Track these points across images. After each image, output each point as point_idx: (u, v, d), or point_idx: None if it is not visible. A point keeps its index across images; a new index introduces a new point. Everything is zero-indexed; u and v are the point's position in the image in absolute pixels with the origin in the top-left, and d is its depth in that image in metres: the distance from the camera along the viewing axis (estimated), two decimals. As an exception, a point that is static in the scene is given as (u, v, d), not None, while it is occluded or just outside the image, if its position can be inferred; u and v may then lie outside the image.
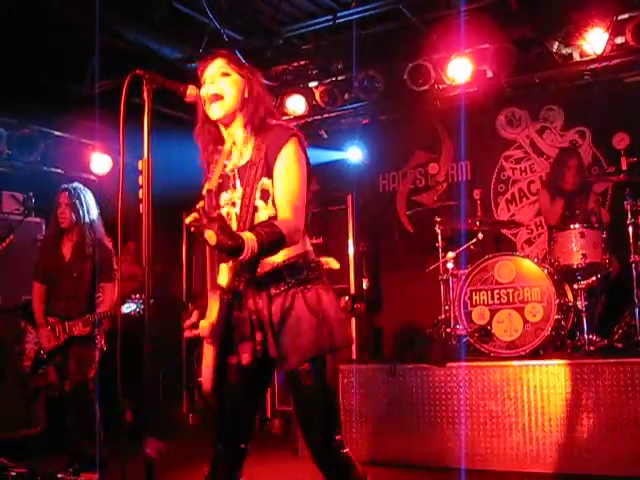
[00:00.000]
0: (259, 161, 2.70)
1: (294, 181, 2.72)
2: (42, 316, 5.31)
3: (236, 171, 2.81)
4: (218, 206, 2.78)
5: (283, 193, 2.69)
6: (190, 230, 2.47)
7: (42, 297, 5.38)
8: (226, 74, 2.82)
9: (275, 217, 2.68)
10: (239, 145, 2.86)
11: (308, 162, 2.81)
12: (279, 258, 2.70)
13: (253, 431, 2.89)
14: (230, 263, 2.67)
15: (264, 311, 2.69)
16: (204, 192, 2.61)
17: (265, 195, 2.70)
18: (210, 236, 2.39)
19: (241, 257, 2.46)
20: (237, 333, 2.70)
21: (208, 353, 2.70)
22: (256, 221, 2.69)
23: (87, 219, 5.34)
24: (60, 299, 5.29)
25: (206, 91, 2.80)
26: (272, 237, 2.53)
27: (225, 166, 2.83)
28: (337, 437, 2.72)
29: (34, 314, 5.36)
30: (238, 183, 2.79)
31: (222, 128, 2.90)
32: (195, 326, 2.73)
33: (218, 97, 2.79)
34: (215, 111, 2.80)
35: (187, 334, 2.74)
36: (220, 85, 2.80)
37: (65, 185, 5.47)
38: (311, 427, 2.73)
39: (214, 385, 2.71)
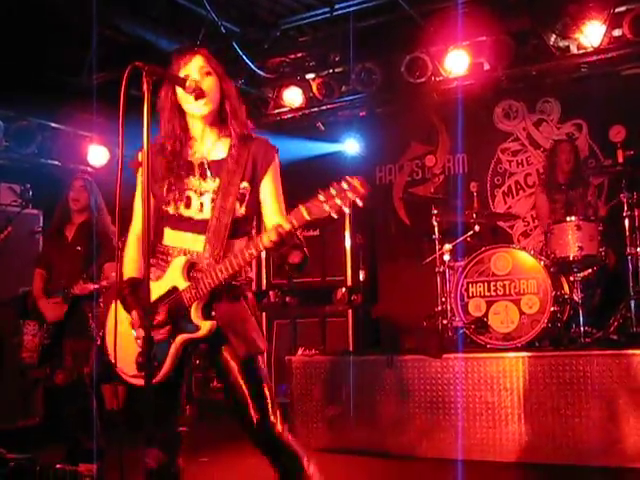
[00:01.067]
0: (243, 165, 2.85)
1: (282, 197, 2.96)
2: (41, 291, 5.34)
3: (205, 162, 2.92)
4: (178, 189, 2.88)
5: (278, 206, 2.92)
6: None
7: (42, 279, 5.41)
8: (208, 73, 2.92)
9: (244, 218, 2.87)
10: (211, 140, 2.97)
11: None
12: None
13: (181, 414, 2.97)
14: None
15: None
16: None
17: (242, 197, 2.86)
18: (297, 256, 2.77)
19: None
20: None
21: (180, 346, 2.83)
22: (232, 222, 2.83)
23: (96, 205, 5.42)
24: (61, 277, 5.29)
25: (197, 85, 2.85)
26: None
27: (190, 154, 2.96)
28: (271, 418, 2.80)
29: (33, 293, 5.37)
30: (209, 174, 2.90)
31: (195, 122, 2.97)
32: (161, 325, 2.79)
33: (204, 94, 2.86)
34: (201, 108, 2.89)
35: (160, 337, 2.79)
36: (205, 83, 2.88)
37: (78, 174, 5.67)
38: (253, 410, 2.79)
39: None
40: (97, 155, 7.85)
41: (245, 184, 2.85)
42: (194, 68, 2.89)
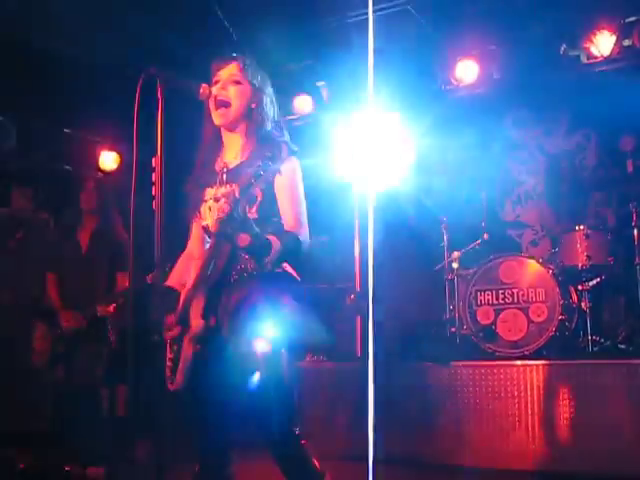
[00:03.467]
0: (255, 168, 2.68)
1: (299, 198, 2.86)
2: (59, 300, 5.36)
3: (225, 170, 2.88)
4: (202, 200, 2.88)
5: (291, 208, 2.83)
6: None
7: (56, 286, 5.44)
8: (237, 82, 2.89)
9: (256, 221, 2.73)
10: (236, 149, 2.95)
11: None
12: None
13: (233, 420, 2.88)
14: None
15: (223, 298, 2.74)
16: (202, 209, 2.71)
17: (253, 200, 2.75)
18: (243, 238, 2.54)
19: (267, 258, 2.60)
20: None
21: (188, 349, 2.71)
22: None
23: (109, 207, 5.49)
24: (76, 288, 5.35)
25: (215, 94, 2.85)
26: (292, 243, 2.70)
27: (218, 163, 2.95)
28: (294, 429, 2.75)
29: (51, 302, 5.41)
30: (225, 180, 2.86)
31: (224, 132, 2.98)
32: (171, 327, 2.76)
33: (225, 104, 2.87)
34: (219, 117, 2.90)
35: (168, 335, 2.77)
36: (229, 92, 2.88)
37: (89, 179, 5.71)
38: (264, 417, 2.73)
39: (185, 383, 2.73)
40: (108, 160, 7.89)
41: (256, 188, 2.72)
42: (225, 76, 2.90)
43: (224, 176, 2.88)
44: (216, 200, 2.74)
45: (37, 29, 6.16)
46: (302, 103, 7.83)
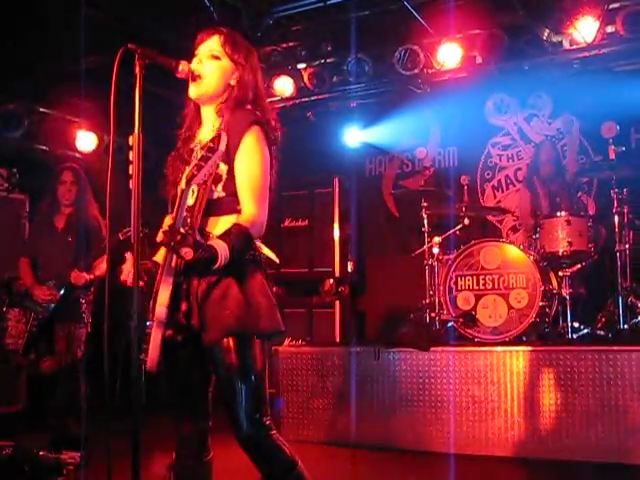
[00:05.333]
0: (205, 166, 2.55)
1: (256, 174, 2.71)
2: (32, 278, 5.35)
3: (199, 146, 2.78)
4: (179, 178, 2.74)
5: (246, 186, 2.69)
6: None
7: (29, 268, 5.43)
8: (216, 57, 2.80)
9: (225, 199, 2.70)
10: (211, 126, 2.85)
11: (270, 151, 2.79)
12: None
13: (208, 408, 2.83)
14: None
15: (193, 282, 2.66)
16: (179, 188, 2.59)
17: (217, 179, 2.67)
18: (187, 253, 2.42)
19: (215, 266, 2.51)
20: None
21: (157, 334, 2.58)
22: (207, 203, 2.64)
23: (84, 197, 5.47)
24: (51, 265, 5.34)
25: (192, 68, 2.77)
26: (241, 239, 2.57)
27: (194, 141, 2.87)
28: (262, 419, 2.65)
29: (23, 281, 5.38)
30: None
31: (201, 106, 2.90)
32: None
33: (198, 77, 2.77)
34: (191, 90, 2.81)
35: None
36: (205, 66, 2.79)
37: (67, 164, 5.65)
38: (231, 407, 2.64)
39: (159, 366, 2.65)
40: (85, 141, 7.77)
41: (222, 166, 2.65)
42: (204, 50, 2.81)
43: (197, 154, 2.74)
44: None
45: (15, 6, 6.02)
46: (283, 86, 7.74)
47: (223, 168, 2.67)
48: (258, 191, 2.70)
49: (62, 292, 5.21)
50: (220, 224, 2.69)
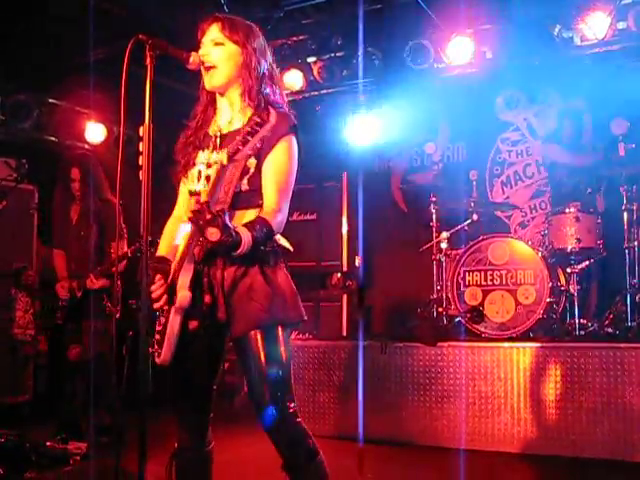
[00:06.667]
0: (252, 140, 2.56)
1: (286, 177, 2.73)
2: (64, 272, 5.47)
3: (219, 134, 2.80)
4: (192, 164, 2.79)
5: (275, 186, 2.70)
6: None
7: (64, 261, 5.54)
8: (219, 44, 2.79)
9: (249, 192, 2.70)
10: (231, 113, 2.85)
11: (300, 156, 2.82)
12: None
13: (212, 400, 2.86)
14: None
15: (217, 275, 2.69)
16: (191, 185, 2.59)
17: (245, 172, 2.69)
18: (213, 233, 2.40)
19: (237, 252, 2.51)
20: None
21: (175, 322, 2.63)
22: (233, 195, 2.66)
23: (94, 187, 5.50)
24: (70, 261, 5.46)
25: (202, 60, 2.77)
26: (264, 233, 2.58)
27: (211, 128, 2.87)
28: (289, 406, 2.70)
29: (57, 274, 5.49)
30: (218, 146, 2.78)
31: (218, 96, 2.89)
32: (159, 298, 2.68)
33: (211, 67, 2.78)
34: (208, 82, 2.81)
35: (157, 305, 2.70)
36: (212, 55, 2.78)
37: (74, 159, 5.68)
38: (260, 394, 2.67)
39: (173, 356, 2.67)
40: (94, 132, 7.78)
41: (252, 160, 2.68)
42: (208, 39, 2.80)
43: (217, 141, 2.80)
44: (208, 166, 2.66)
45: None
46: (292, 79, 7.72)
47: (252, 162, 2.69)
48: (285, 194, 2.73)
49: (82, 293, 5.29)
50: (242, 217, 2.69)
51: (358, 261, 7.78)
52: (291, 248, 2.84)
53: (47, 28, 6.44)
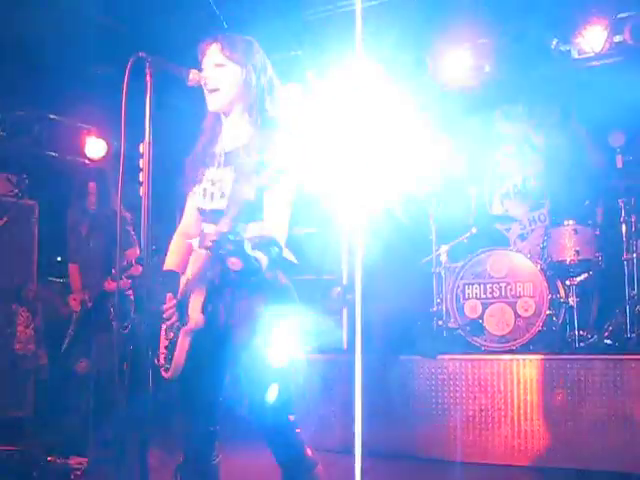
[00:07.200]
0: (254, 157, 2.64)
1: (288, 201, 2.78)
2: (78, 285, 5.58)
3: (223, 152, 2.85)
4: (199, 180, 2.85)
5: (279, 211, 2.75)
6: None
7: (78, 274, 5.64)
8: (220, 65, 2.83)
9: (250, 208, 2.69)
10: (235, 131, 2.89)
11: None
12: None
13: (218, 412, 2.89)
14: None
15: (227, 295, 2.73)
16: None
17: (249, 188, 2.66)
18: (235, 263, 2.49)
19: (256, 277, 2.58)
20: None
21: (185, 342, 2.68)
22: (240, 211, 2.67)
23: (108, 201, 5.62)
24: (82, 273, 5.58)
25: (204, 82, 2.81)
26: (277, 253, 2.65)
27: (218, 146, 2.91)
28: (289, 416, 2.76)
29: (72, 287, 5.60)
30: (222, 164, 2.83)
31: (222, 116, 2.94)
32: (170, 314, 2.73)
33: (214, 90, 2.82)
34: (211, 103, 2.86)
35: (167, 324, 2.74)
36: (215, 79, 2.82)
37: (91, 172, 5.88)
38: (261, 403, 2.69)
39: (180, 373, 2.70)
40: (95, 147, 7.81)
41: (255, 176, 2.64)
42: (208, 61, 2.84)
43: (222, 159, 2.85)
44: (213, 183, 2.70)
45: (22, 13, 6.07)
46: (291, 92, 7.75)
47: (255, 179, 2.68)
48: (288, 216, 2.79)
49: (92, 303, 5.33)
50: (243, 230, 2.69)
51: (358, 274, 7.79)
52: (296, 261, 2.87)
53: (47, 43, 6.47)
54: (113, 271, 5.29)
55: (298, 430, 2.77)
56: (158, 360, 2.70)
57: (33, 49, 6.41)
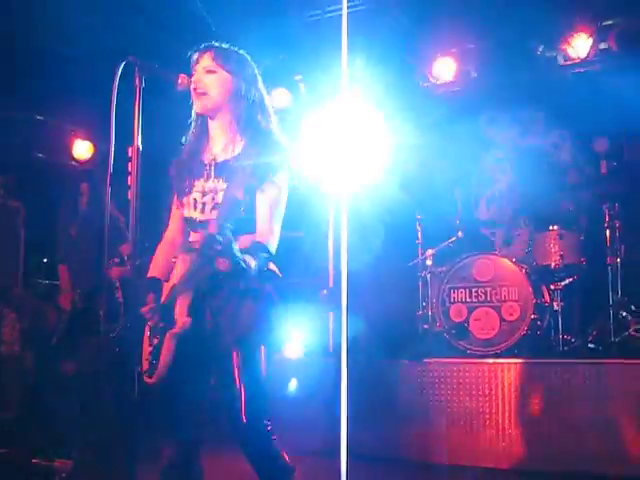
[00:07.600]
0: (246, 169, 2.70)
1: (281, 212, 2.82)
2: (67, 285, 5.70)
3: (214, 163, 2.87)
4: (188, 191, 2.86)
5: (271, 221, 2.77)
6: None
7: (67, 275, 5.77)
8: (211, 71, 2.86)
9: (242, 220, 2.73)
10: (225, 141, 2.91)
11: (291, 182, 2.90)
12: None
13: (202, 417, 2.89)
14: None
15: (211, 299, 2.74)
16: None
17: (241, 200, 2.74)
18: (223, 263, 2.51)
19: (244, 280, 2.61)
20: None
21: (171, 346, 2.68)
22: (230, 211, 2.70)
23: (99, 201, 5.73)
24: (72, 274, 5.68)
25: (193, 87, 2.84)
26: (265, 259, 2.70)
27: (206, 155, 2.92)
28: (265, 423, 2.77)
29: (61, 286, 5.75)
30: (213, 174, 2.85)
31: (209, 120, 2.95)
32: (153, 311, 2.75)
33: (202, 94, 2.85)
34: (198, 106, 2.88)
35: (150, 324, 2.75)
36: (204, 82, 2.85)
37: (83, 174, 6.13)
38: (236, 410, 2.71)
39: (165, 378, 2.71)
40: (82, 149, 7.80)
41: (246, 188, 2.72)
42: (200, 68, 2.88)
43: (212, 170, 2.86)
44: (203, 194, 2.72)
45: (9, 15, 6.06)
46: (279, 97, 7.77)
47: (246, 191, 2.74)
48: (278, 225, 2.81)
49: (81, 304, 5.37)
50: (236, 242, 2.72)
51: (344, 277, 7.80)
52: (280, 274, 2.89)
53: (35, 45, 6.47)
54: (115, 260, 5.36)
55: (274, 437, 2.79)
56: (141, 367, 2.70)
57: (21, 51, 6.40)
